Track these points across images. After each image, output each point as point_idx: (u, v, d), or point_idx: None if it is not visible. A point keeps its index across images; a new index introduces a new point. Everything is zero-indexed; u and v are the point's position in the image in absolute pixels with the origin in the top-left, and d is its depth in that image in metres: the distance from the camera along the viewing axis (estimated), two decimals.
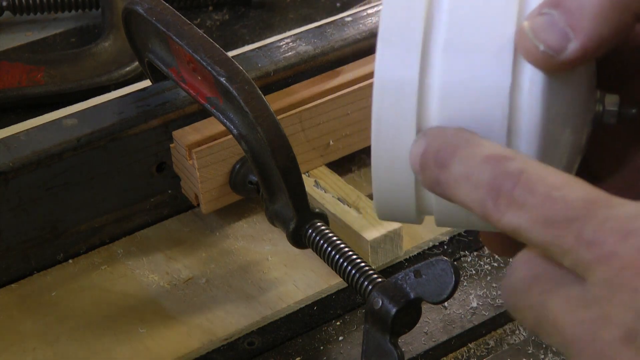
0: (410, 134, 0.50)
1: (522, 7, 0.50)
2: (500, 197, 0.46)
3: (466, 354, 0.83)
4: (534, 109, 0.49)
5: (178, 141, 0.90)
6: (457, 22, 0.50)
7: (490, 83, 0.49)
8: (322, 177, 0.94)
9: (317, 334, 0.84)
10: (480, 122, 0.49)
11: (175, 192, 0.94)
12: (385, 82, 0.50)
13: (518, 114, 0.49)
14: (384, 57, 0.50)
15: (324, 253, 0.79)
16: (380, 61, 0.50)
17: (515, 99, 0.49)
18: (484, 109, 0.49)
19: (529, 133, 0.49)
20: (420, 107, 0.50)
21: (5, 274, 0.89)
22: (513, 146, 0.50)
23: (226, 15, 1.25)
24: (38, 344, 0.83)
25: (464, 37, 0.50)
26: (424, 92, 0.50)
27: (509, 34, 0.49)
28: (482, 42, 0.50)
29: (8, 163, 0.85)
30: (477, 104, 0.49)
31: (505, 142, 0.49)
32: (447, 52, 0.50)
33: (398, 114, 0.50)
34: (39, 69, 1.11)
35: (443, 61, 0.50)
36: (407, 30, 0.50)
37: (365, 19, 1.00)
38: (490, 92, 0.49)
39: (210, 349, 0.83)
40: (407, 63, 0.50)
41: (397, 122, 0.50)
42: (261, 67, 0.95)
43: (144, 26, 0.89)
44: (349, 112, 0.94)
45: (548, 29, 0.48)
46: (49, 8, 1.23)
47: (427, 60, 0.50)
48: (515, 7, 0.50)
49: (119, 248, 0.92)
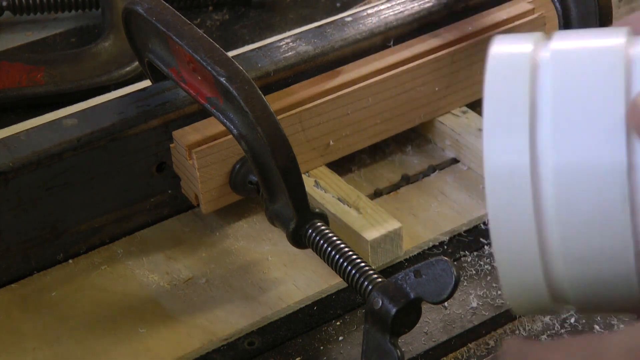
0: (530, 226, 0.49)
1: (629, 85, 0.49)
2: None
3: (466, 354, 0.83)
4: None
5: (178, 141, 0.90)
6: (564, 105, 0.49)
7: (606, 163, 0.48)
8: (322, 177, 0.94)
9: (317, 334, 0.84)
10: (599, 204, 0.48)
11: (175, 192, 0.94)
12: (497, 170, 0.49)
13: (638, 194, 0.48)
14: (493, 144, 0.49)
15: (324, 253, 0.79)
16: (489, 149, 0.49)
17: (633, 178, 0.48)
18: (602, 190, 0.48)
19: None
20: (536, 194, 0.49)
21: (5, 274, 0.89)
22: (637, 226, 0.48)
23: (226, 15, 1.25)
24: (38, 344, 0.83)
25: (572, 119, 0.49)
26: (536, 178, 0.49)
27: (619, 112, 0.48)
28: (592, 122, 0.49)
29: (8, 163, 0.85)
30: (594, 185, 0.48)
31: (630, 223, 0.48)
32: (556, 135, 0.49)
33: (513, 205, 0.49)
34: (38, 69, 1.11)
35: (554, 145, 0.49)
36: (513, 115, 0.49)
37: (365, 19, 1.00)
38: (607, 173, 0.48)
39: (210, 349, 0.83)
40: (517, 148, 0.49)
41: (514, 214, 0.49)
42: (261, 67, 0.95)
43: (144, 26, 0.89)
44: (349, 112, 0.94)
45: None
46: (49, 8, 1.23)
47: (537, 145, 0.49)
48: (622, 86, 0.49)
49: (119, 248, 0.92)
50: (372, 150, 1.00)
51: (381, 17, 1.00)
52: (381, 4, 1.02)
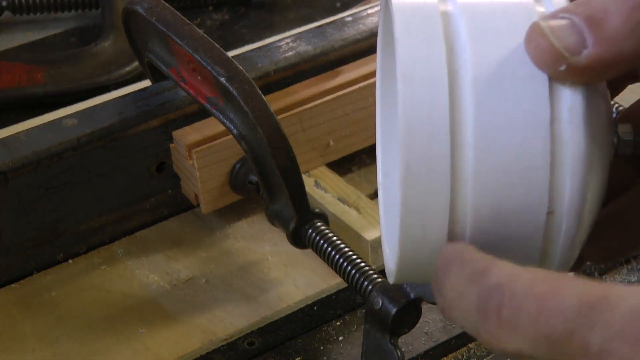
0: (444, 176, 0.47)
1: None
2: (489, 321, 0.43)
3: (466, 354, 0.83)
4: (577, 140, 0.47)
5: (178, 141, 0.90)
6: (481, 57, 0.48)
7: (528, 115, 0.47)
8: (322, 177, 0.94)
9: (317, 334, 0.84)
10: (518, 158, 0.47)
11: (175, 192, 0.94)
12: (413, 124, 0.47)
13: (559, 147, 0.47)
14: (411, 99, 0.47)
15: (324, 253, 0.79)
16: (405, 102, 0.47)
17: (555, 130, 0.47)
18: (523, 143, 0.47)
19: (574, 166, 0.47)
20: (454, 148, 0.47)
21: (5, 274, 0.89)
22: (557, 180, 0.47)
23: (226, 15, 1.25)
24: (38, 344, 0.83)
25: (491, 71, 0.47)
26: (456, 135, 0.47)
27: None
28: (513, 75, 0.47)
29: (8, 163, 0.85)
30: (515, 138, 0.47)
31: (549, 177, 0.47)
32: (477, 86, 0.47)
33: (430, 160, 0.47)
34: (38, 69, 1.11)
35: (474, 96, 0.47)
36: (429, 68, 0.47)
37: (365, 19, 1.00)
38: (529, 125, 0.47)
39: (210, 349, 0.83)
40: (435, 102, 0.47)
41: (430, 170, 0.47)
42: (261, 67, 0.95)
43: (144, 26, 0.89)
44: (349, 112, 0.94)
45: (566, 30, 0.46)
46: (49, 8, 1.23)
47: (455, 100, 0.47)
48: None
49: (119, 248, 0.92)
50: (372, 150, 1.00)
51: None
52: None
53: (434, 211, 0.48)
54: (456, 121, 0.47)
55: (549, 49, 0.46)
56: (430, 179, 0.47)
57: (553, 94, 0.47)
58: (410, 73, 0.47)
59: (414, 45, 0.48)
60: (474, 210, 0.48)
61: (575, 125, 0.47)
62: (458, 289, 0.44)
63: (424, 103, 0.47)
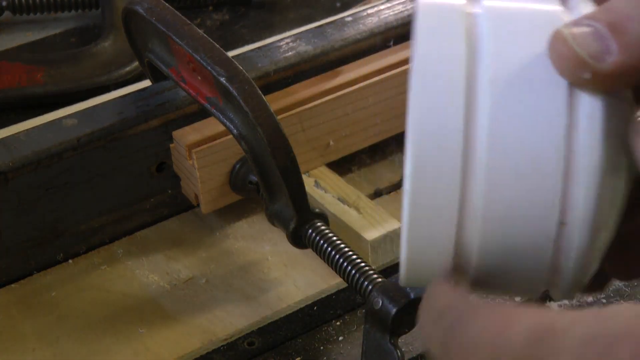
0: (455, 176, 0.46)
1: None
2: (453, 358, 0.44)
3: None
4: (594, 149, 0.46)
5: (178, 141, 0.90)
6: (501, 61, 0.47)
7: (544, 121, 0.46)
8: (322, 177, 0.94)
9: (317, 334, 0.84)
10: (532, 164, 0.46)
11: (175, 192, 0.94)
12: (425, 122, 0.46)
13: (575, 155, 0.46)
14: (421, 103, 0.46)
15: (324, 253, 0.79)
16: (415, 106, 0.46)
17: (571, 138, 0.46)
18: (537, 149, 0.46)
19: (589, 175, 0.46)
20: (466, 153, 0.46)
21: (5, 274, 0.89)
22: (571, 190, 0.46)
23: (226, 15, 1.25)
24: (38, 344, 0.83)
25: (511, 77, 0.46)
26: (469, 138, 0.46)
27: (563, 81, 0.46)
28: (533, 80, 0.46)
29: (8, 163, 0.85)
30: (529, 144, 0.46)
31: (562, 186, 0.46)
32: (494, 87, 0.46)
33: (440, 160, 0.46)
34: (38, 69, 1.11)
35: (491, 97, 0.46)
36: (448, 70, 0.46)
37: (365, 19, 1.00)
38: (544, 131, 0.46)
39: (210, 349, 0.83)
40: (451, 108, 0.46)
41: (439, 169, 0.46)
42: (261, 67, 0.95)
43: (144, 26, 0.89)
44: (349, 112, 0.94)
45: (589, 37, 0.46)
46: (49, 8, 1.23)
47: (472, 105, 0.46)
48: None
49: (119, 248, 0.92)
50: (372, 150, 1.00)
51: (381, 17, 1.00)
52: (381, 4, 1.02)
53: (441, 213, 0.47)
54: (470, 121, 0.46)
55: (572, 56, 0.46)
56: (440, 179, 0.47)
57: (572, 100, 0.46)
58: (426, 70, 0.47)
59: (434, 43, 0.47)
60: (483, 209, 0.47)
61: (593, 133, 0.46)
62: (426, 327, 0.46)
63: (437, 100, 0.46)
